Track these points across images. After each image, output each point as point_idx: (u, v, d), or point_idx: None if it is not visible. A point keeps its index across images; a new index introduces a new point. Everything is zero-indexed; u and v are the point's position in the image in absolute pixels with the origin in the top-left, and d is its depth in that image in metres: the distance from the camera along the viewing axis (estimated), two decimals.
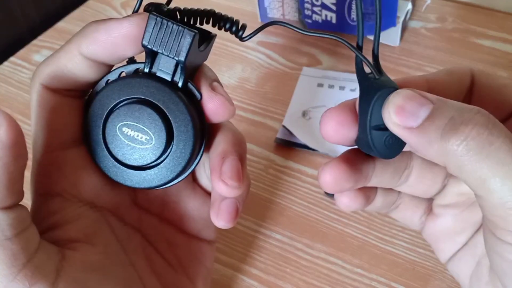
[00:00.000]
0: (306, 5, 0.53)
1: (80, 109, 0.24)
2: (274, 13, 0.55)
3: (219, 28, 0.24)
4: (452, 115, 0.18)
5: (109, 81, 0.23)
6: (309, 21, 0.54)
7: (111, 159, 0.23)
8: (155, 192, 0.28)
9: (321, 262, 0.36)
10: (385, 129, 0.20)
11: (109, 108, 0.23)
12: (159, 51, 0.22)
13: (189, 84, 0.23)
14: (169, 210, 0.28)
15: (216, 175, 0.23)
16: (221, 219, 0.24)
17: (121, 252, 0.25)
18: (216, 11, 0.24)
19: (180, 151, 0.23)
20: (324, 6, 0.52)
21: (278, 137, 0.44)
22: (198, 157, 0.24)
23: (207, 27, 0.24)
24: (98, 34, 0.22)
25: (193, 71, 0.24)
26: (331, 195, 0.40)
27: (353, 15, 0.51)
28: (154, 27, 0.22)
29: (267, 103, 0.48)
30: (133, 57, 0.24)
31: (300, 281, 0.36)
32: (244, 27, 0.24)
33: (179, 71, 0.22)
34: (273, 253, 0.37)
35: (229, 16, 0.24)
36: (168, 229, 0.28)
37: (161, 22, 0.22)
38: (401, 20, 0.51)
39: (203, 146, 0.24)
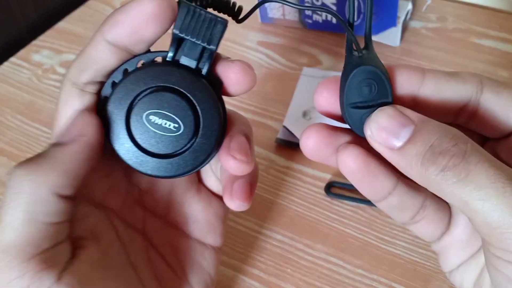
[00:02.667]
0: (307, 5, 0.53)
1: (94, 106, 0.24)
2: (274, 13, 0.55)
3: (219, 11, 0.24)
4: (432, 143, 0.18)
5: (128, 71, 0.23)
6: (309, 21, 0.54)
7: (138, 149, 0.23)
8: (161, 193, 0.28)
9: (321, 263, 0.36)
10: (362, 107, 0.20)
11: (134, 96, 0.23)
12: (190, 39, 0.22)
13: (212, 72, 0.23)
14: (173, 212, 0.28)
15: (225, 151, 0.23)
16: (236, 198, 0.24)
17: (122, 253, 0.25)
18: None
19: (207, 137, 0.23)
20: (324, 6, 0.52)
21: (278, 137, 0.44)
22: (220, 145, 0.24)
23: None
24: (119, 15, 0.22)
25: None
26: (333, 195, 0.40)
27: None
28: (186, 15, 0.22)
29: (268, 103, 0.48)
30: (149, 49, 0.23)
31: (301, 281, 0.35)
32: (240, 9, 0.24)
33: (206, 59, 0.23)
34: (273, 254, 0.37)
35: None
36: (172, 232, 0.28)
37: (194, 10, 0.22)
38: (401, 20, 0.51)
39: (223, 134, 0.24)
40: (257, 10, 0.56)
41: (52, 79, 0.53)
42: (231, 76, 0.23)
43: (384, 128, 0.19)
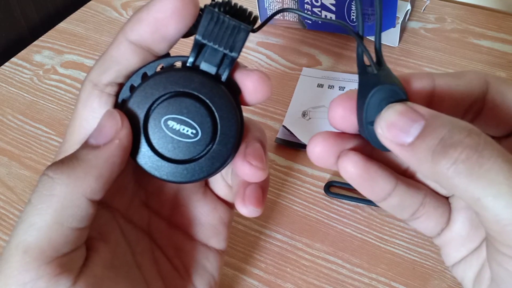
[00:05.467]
0: (306, 6, 0.53)
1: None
2: None
3: (236, 18, 0.24)
4: (443, 136, 0.18)
5: (147, 74, 0.23)
6: (309, 21, 0.54)
7: (154, 154, 0.23)
8: (167, 195, 0.28)
9: (321, 262, 0.37)
10: None
11: (153, 101, 0.22)
12: (212, 45, 0.22)
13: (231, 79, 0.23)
14: (178, 214, 0.28)
15: (241, 157, 0.23)
16: (249, 204, 0.24)
17: (128, 253, 0.25)
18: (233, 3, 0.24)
19: (223, 144, 0.23)
20: (323, 7, 0.52)
21: (278, 137, 0.44)
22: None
23: None
24: (141, 14, 0.21)
25: None
26: (332, 194, 0.40)
27: (353, 15, 0.51)
28: (210, 21, 0.22)
29: (267, 103, 0.48)
30: (168, 53, 0.23)
31: (300, 280, 0.36)
32: (256, 18, 0.24)
33: (226, 66, 0.22)
34: (273, 253, 0.37)
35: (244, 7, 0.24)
36: (176, 234, 0.28)
37: (218, 17, 0.22)
38: (400, 20, 0.51)
39: (240, 141, 0.24)
40: (257, 10, 0.56)
41: (53, 80, 0.53)
42: (248, 85, 0.23)
43: (393, 125, 0.19)
